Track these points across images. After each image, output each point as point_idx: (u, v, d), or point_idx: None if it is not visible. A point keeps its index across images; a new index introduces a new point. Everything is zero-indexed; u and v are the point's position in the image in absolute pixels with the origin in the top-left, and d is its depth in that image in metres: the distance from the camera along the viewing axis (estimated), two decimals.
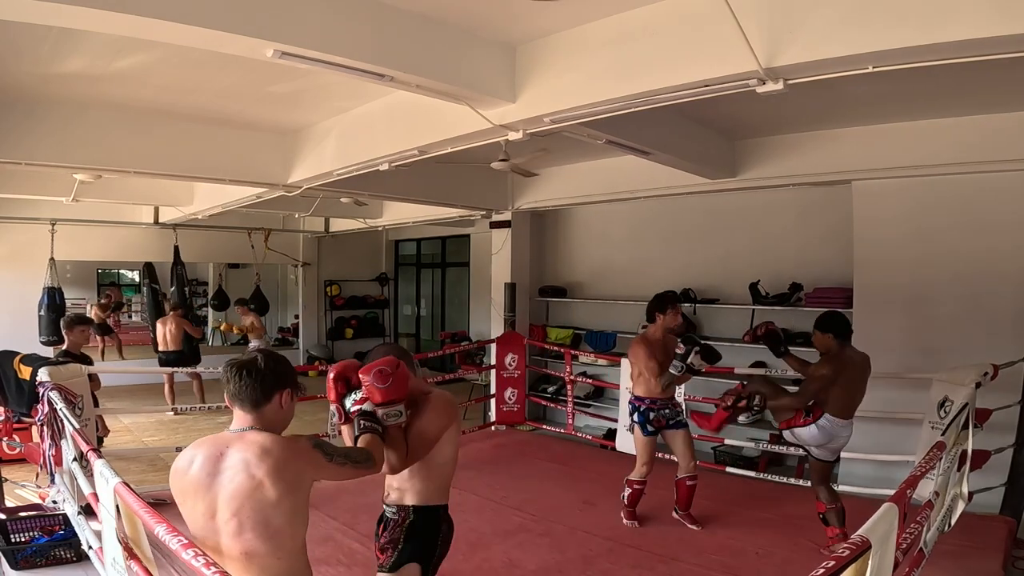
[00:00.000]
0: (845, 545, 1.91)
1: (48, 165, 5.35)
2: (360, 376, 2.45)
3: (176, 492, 2.04)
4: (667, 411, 4.69)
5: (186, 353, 9.13)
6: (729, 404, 4.24)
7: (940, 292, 5.41)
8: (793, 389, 4.30)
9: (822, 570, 1.77)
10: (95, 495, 2.95)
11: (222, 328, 12.11)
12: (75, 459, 3.81)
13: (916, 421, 4.81)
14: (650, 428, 4.66)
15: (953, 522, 3.74)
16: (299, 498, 2.01)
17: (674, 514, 4.77)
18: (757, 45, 3.03)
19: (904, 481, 2.64)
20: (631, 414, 4.79)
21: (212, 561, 1.74)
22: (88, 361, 5.31)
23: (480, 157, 5.42)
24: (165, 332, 9.06)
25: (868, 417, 5.51)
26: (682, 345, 4.47)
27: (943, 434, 3.37)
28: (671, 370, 4.47)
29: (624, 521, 4.72)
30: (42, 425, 4.42)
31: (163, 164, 5.72)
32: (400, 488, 2.65)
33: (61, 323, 5.63)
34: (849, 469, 5.71)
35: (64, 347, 5.43)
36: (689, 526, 4.65)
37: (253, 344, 9.86)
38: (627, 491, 4.75)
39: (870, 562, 1.95)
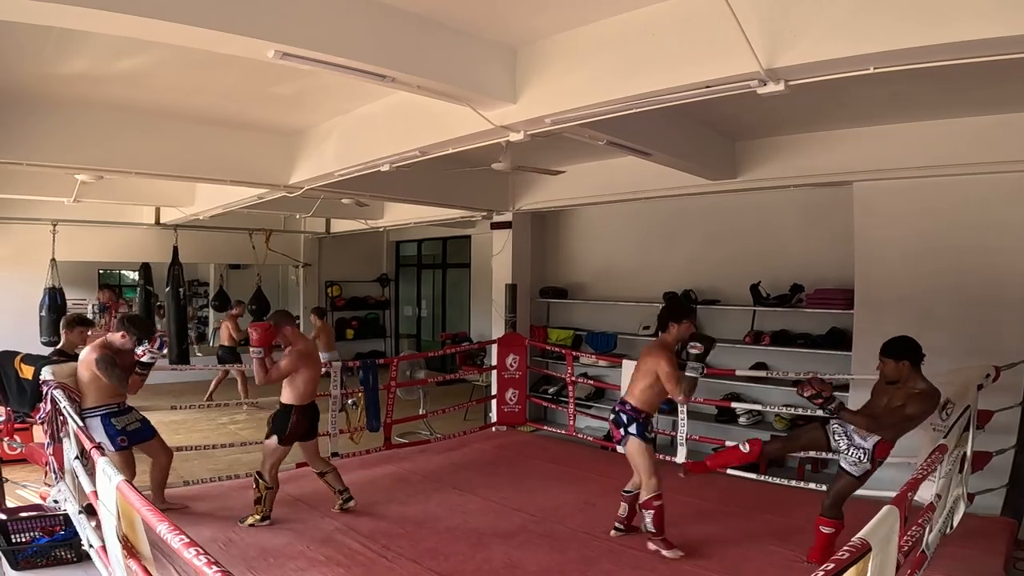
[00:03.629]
0: (846, 547, 1.91)
1: (50, 166, 5.37)
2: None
3: None
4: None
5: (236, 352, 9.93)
6: (807, 395, 3.86)
7: (941, 293, 5.40)
8: None
9: (822, 572, 1.76)
10: (95, 493, 2.95)
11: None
12: (76, 457, 3.82)
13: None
14: (650, 435, 4.32)
15: (955, 524, 3.74)
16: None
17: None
18: (758, 46, 3.03)
19: (905, 484, 2.64)
20: (626, 424, 4.29)
21: (214, 560, 1.74)
22: None
23: (482, 158, 5.43)
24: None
25: None
26: (699, 344, 4.14)
27: (945, 436, 3.37)
28: (690, 374, 4.14)
29: (665, 553, 4.15)
30: (43, 423, 4.42)
31: (165, 165, 5.74)
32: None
33: (61, 322, 5.64)
34: None
35: (60, 346, 5.42)
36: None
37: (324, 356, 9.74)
38: (650, 514, 4.19)
39: (870, 564, 1.94)
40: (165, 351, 4.83)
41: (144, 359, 4.55)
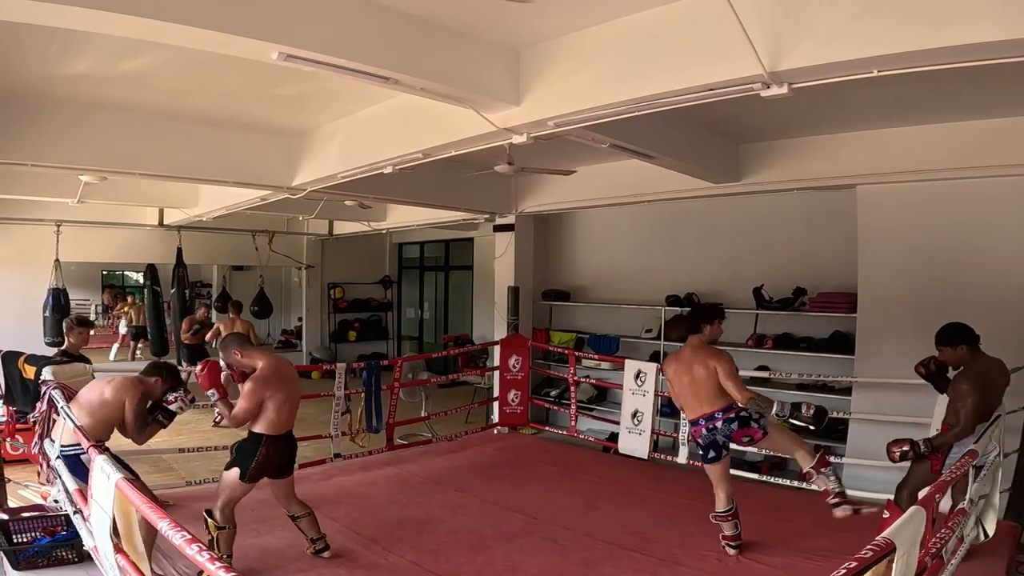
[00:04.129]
0: (870, 546, 1.88)
1: (54, 166, 5.38)
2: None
3: None
4: None
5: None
6: (903, 453, 3.86)
7: (945, 296, 5.38)
8: None
9: (844, 570, 1.74)
10: (80, 491, 2.95)
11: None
12: (59, 457, 3.81)
13: (921, 425, 4.79)
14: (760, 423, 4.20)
15: (991, 531, 3.72)
16: None
17: None
18: (761, 49, 3.03)
19: (933, 486, 2.62)
20: (741, 423, 4.14)
21: (216, 556, 1.75)
22: (87, 362, 5.33)
23: (485, 160, 5.43)
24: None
25: (876, 421, 5.52)
26: (811, 421, 3.99)
27: (976, 442, 3.34)
28: (775, 409, 3.98)
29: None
30: (35, 423, 4.43)
31: (168, 166, 5.74)
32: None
33: (63, 324, 5.65)
34: (857, 473, 5.69)
35: (63, 347, 5.45)
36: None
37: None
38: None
39: (895, 565, 1.92)
40: (193, 404, 4.36)
41: (172, 407, 4.22)
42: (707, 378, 4.15)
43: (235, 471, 3.86)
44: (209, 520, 3.85)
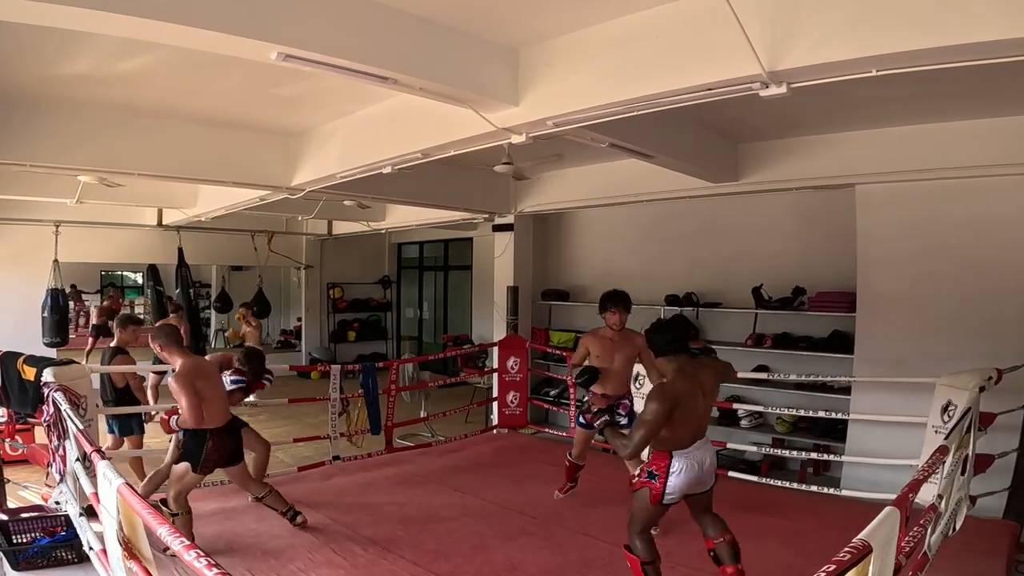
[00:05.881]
0: (847, 548, 1.90)
1: (52, 167, 5.38)
2: None
3: None
4: None
5: None
6: (591, 414, 3.94)
7: (944, 296, 5.39)
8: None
9: (823, 574, 1.76)
10: (96, 495, 2.95)
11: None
12: (78, 459, 3.82)
13: (920, 425, 4.79)
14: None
15: (958, 526, 3.73)
16: None
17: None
18: (760, 49, 3.03)
19: (906, 485, 2.64)
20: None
21: (214, 563, 1.74)
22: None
23: (483, 160, 5.43)
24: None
25: (872, 421, 5.52)
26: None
27: (946, 438, 3.36)
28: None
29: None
30: (48, 426, 4.42)
31: (167, 166, 5.75)
32: None
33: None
34: (853, 473, 5.70)
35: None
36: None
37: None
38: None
39: (871, 567, 1.93)
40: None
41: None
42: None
43: (185, 465, 4.04)
44: (163, 509, 4.03)
